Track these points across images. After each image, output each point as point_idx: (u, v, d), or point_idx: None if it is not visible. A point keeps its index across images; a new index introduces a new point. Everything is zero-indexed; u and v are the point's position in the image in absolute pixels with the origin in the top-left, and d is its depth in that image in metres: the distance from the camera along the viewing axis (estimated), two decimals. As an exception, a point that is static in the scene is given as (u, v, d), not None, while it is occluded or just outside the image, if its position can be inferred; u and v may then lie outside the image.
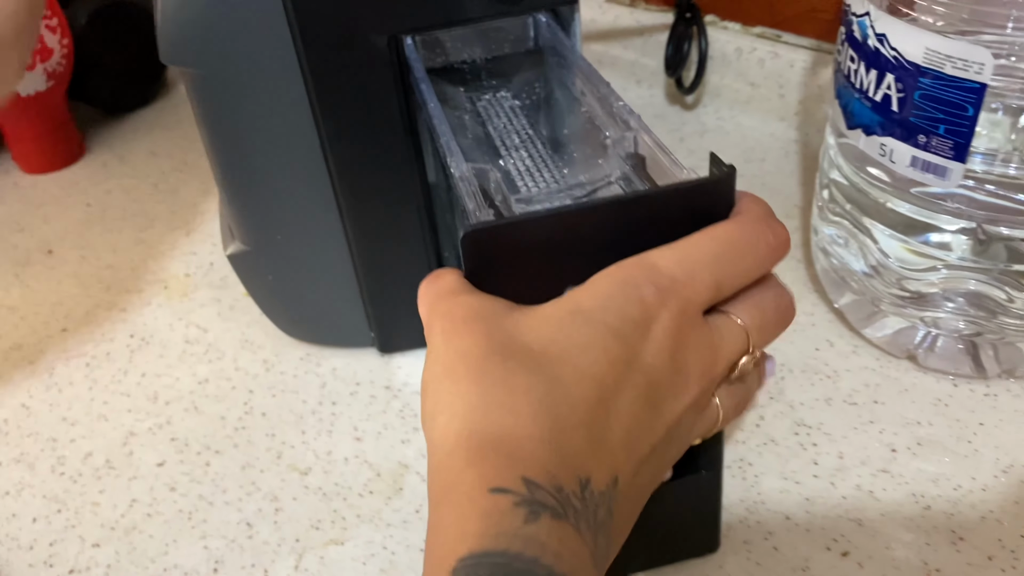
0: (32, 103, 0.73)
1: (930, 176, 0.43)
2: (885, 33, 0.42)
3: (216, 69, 0.44)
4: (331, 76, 0.44)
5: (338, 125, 0.45)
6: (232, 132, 0.46)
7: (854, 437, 0.48)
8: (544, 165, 0.43)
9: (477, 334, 0.29)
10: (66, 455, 0.51)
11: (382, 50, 0.43)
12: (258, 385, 0.55)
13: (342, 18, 0.42)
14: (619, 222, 0.31)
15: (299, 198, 0.48)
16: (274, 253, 0.51)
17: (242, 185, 0.48)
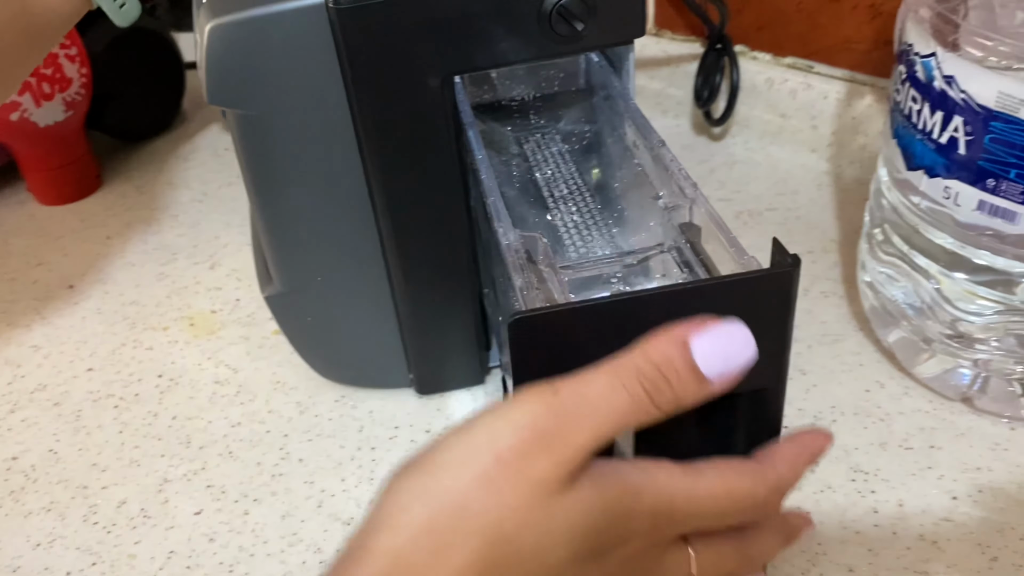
0: (50, 134, 0.72)
1: (998, 220, 0.42)
2: (954, 75, 0.41)
3: (263, 110, 0.42)
4: (381, 117, 0.42)
5: (387, 166, 0.44)
6: (277, 173, 0.45)
7: (913, 484, 0.47)
8: (593, 221, 0.42)
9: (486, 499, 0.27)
10: (99, 503, 0.50)
11: (435, 90, 0.42)
12: (293, 429, 0.53)
13: (396, 60, 0.41)
14: (671, 310, 0.30)
15: (342, 240, 0.47)
16: (314, 295, 0.49)
17: (284, 227, 0.47)
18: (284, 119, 0.43)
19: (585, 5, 0.41)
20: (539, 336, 0.29)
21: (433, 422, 0.53)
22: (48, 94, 0.70)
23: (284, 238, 0.47)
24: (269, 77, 0.41)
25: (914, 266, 0.48)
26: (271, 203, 0.46)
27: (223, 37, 0.40)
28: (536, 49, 0.42)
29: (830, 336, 0.56)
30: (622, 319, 0.30)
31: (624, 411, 0.28)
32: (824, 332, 0.56)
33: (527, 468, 0.27)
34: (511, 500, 0.27)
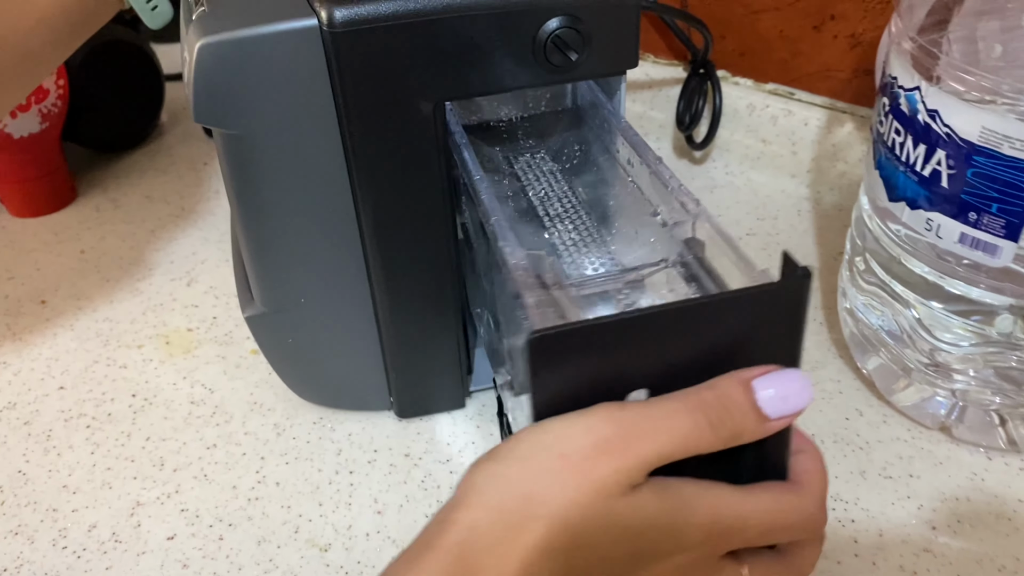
0: (25, 145, 0.70)
1: (979, 253, 0.42)
2: (937, 109, 0.41)
3: (251, 131, 0.42)
4: (372, 141, 0.42)
5: (375, 190, 0.44)
6: (263, 194, 0.44)
7: (892, 513, 0.47)
8: (592, 239, 0.42)
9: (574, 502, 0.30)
10: (68, 527, 0.49)
11: (426, 116, 0.42)
12: (270, 451, 0.52)
13: (389, 84, 0.40)
14: (686, 325, 0.30)
15: (327, 261, 0.46)
16: (296, 316, 0.49)
17: (269, 247, 0.46)
18: (272, 140, 0.42)
19: (580, 35, 0.41)
20: (557, 353, 0.30)
21: (412, 446, 0.52)
22: (24, 105, 0.69)
23: (268, 259, 0.47)
24: (258, 97, 0.41)
25: (894, 295, 0.49)
26: (256, 223, 0.45)
27: (213, 55, 0.39)
28: (530, 77, 0.42)
29: (809, 363, 0.56)
30: (639, 334, 0.30)
31: (685, 434, 0.30)
32: (804, 359, 0.56)
33: (590, 469, 0.29)
34: (574, 495, 0.29)
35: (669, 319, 0.30)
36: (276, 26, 0.39)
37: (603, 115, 0.45)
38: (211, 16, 0.40)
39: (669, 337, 0.30)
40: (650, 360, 0.31)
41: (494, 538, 0.29)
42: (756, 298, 0.31)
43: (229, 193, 0.45)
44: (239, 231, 0.46)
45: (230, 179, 0.44)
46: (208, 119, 0.41)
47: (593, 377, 0.30)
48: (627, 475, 0.29)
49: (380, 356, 0.50)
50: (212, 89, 0.40)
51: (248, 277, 0.49)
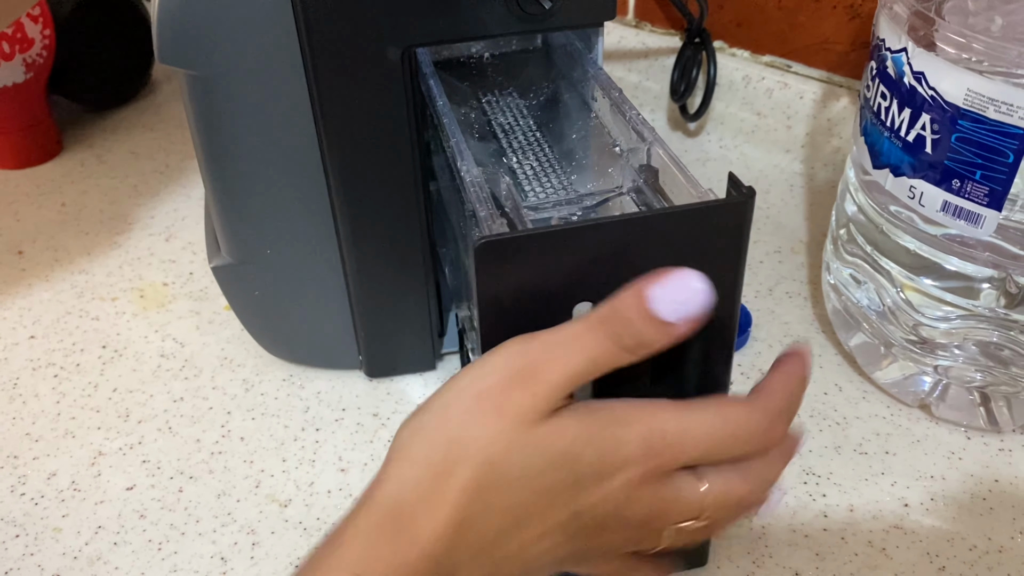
0: (8, 95, 0.70)
1: (961, 223, 0.41)
2: (924, 71, 0.40)
3: (216, 72, 0.41)
4: (338, 86, 0.41)
5: (342, 137, 0.42)
6: (227, 139, 0.43)
7: (865, 489, 0.46)
8: (552, 170, 0.41)
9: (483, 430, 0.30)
10: (28, 474, 0.48)
11: (395, 63, 0.40)
12: (237, 407, 0.52)
13: (356, 29, 0.39)
14: (633, 239, 0.31)
15: (293, 211, 0.46)
16: (262, 268, 0.48)
17: (234, 195, 0.45)
18: (236, 82, 0.41)
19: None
20: (503, 259, 0.30)
21: (381, 406, 0.51)
22: (7, 54, 0.68)
23: (233, 207, 0.46)
24: (222, 37, 0.40)
25: (878, 268, 0.47)
26: (221, 169, 0.45)
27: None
28: (501, 26, 0.41)
29: (791, 337, 0.55)
30: (584, 245, 0.30)
31: (591, 352, 0.30)
32: (786, 333, 0.55)
33: (506, 402, 0.30)
34: (494, 430, 0.29)
35: (614, 231, 0.30)
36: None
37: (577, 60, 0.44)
38: None
39: (614, 250, 0.31)
40: (595, 273, 0.31)
41: (424, 488, 0.29)
42: (700, 213, 0.31)
43: (193, 137, 0.44)
44: (205, 176, 0.45)
45: (195, 123, 0.43)
46: (172, 59, 0.40)
47: (539, 287, 0.31)
48: (543, 401, 0.30)
49: (349, 313, 0.49)
50: (176, 28, 0.39)
51: (215, 226, 0.48)
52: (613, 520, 0.32)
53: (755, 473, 0.33)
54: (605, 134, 0.41)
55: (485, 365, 0.31)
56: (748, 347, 0.54)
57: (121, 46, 0.79)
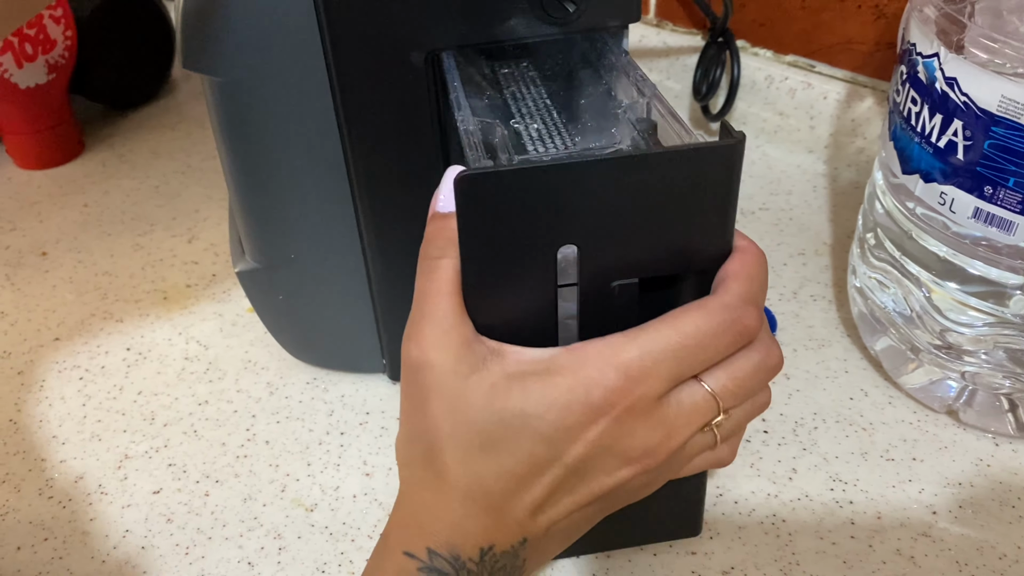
0: (31, 96, 0.70)
1: (993, 230, 0.41)
2: (956, 77, 0.39)
3: (240, 78, 0.41)
4: (363, 91, 0.41)
5: (366, 141, 0.42)
6: (252, 144, 0.43)
7: (892, 496, 0.45)
8: (557, 133, 0.41)
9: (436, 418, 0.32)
10: (55, 477, 0.48)
11: (419, 67, 0.40)
12: (261, 410, 0.52)
13: (380, 33, 0.39)
14: (620, 181, 0.30)
15: (318, 216, 0.45)
16: (287, 272, 0.48)
17: (259, 199, 0.45)
18: (261, 88, 0.41)
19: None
20: (486, 195, 0.29)
21: (405, 410, 0.51)
22: (31, 55, 0.68)
23: (258, 212, 0.46)
24: (247, 43, 0.40)
25: (905, 273, 0.47)
26: (246, 174, 0.45)
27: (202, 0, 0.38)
28: (525, 28, 0.41)
29: (816, 341, 0.55)
30: (569, 183, 0.30)
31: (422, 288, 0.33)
32: (810, 337, 0.55)
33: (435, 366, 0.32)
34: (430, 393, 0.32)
35: (600, 170, 0.29)
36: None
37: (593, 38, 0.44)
38: None
39: (599, 190, 0.30)
40: (580, 214, 0.30)
41: None
42: (690, 154, 0.30)
43: (218, 143, 0.44)
44: (229, 181, 0.45)
45: (219, 128, 0.43)
46: (197, 65, 0.40)
47: (522, 227, 0.30)
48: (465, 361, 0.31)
49: (372, 316, 0.49)
50: (200, 34, 0.39)
51: (239, 231, 0.48)
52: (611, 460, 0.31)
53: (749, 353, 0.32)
54: (612, 99, 0.42)
55: None
56: (773, 351, 0.54)
57: (142, 46, 0.79)
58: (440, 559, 0.31)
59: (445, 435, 0.32)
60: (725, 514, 0.45)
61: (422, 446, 0.33)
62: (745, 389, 0.32)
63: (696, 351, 0.31)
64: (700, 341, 0.31)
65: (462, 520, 0.32)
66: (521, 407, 0.30)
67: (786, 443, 0.48)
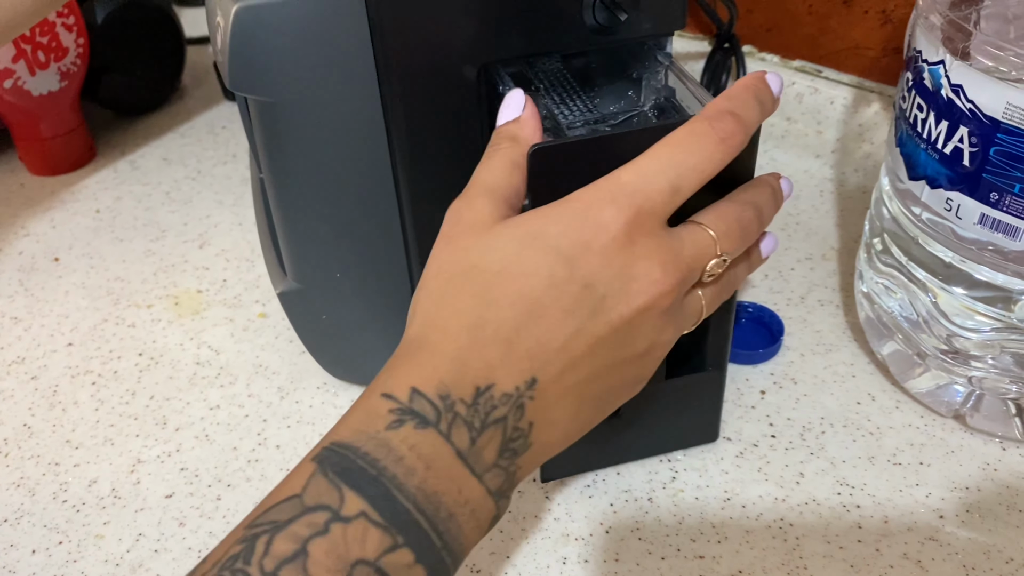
0: (44, 103, 0.71)
1: (999, 236, 0.41)
2: (962, 84, 0.40)
3: (288, 98, 0.40)
4: (414, 107, 0.41)
5: (416, 157, 0.42)
6: (298, 164, 0.43)
7: (899, 500, 0.46)
8: (576, 95, 0.44)
9: (453, 251, 0.33)
10: (69, 481, 0.49)
11: (470, 81, 0.40)
12: (272, 414, 0.52)
13: (433, 50, 0.39)
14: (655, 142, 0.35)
15: (364, 234, 0.45)
16: (331, 292, 0.47)
17: (304, 220, 0.45)
18: (309, 107, 0.41)
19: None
20: (554, 167, 0.35)
21: (415, 414, 0.52)
22: (43, 63, 0.69)
23: (302, 232, 0.45)
24: (296, 63, 0.39)
25: (912, 278, 0.47)
26: (290, 194, 0.44)
27: (251, 20, 0.37)
28: (576, 38, 0.41)
29: (824, 345, 0.55)
30: (624, 150, 0.34)
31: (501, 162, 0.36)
32: (818, 341, 0.55)
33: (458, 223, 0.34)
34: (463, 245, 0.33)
35: (652, 135, 0.34)
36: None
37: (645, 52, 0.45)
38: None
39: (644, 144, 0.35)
40: None
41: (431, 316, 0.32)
42: None
43: (263, 163, 0.43)
44: (273, 202, 0.45)
45: (264, 149, 0.43)
46: (245, 87, 0.40)
47: None
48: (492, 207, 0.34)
49: None
50: (249, 56, 0.39)
51: (280, 251, 0.48)
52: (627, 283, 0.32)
53: (740, 196, 0.36)
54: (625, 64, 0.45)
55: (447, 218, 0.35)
56: (780, 355, 0.54)
57: (153, 52, 0.80)
58: (422, 400, 0.29)
59: (465, 269, 0.32)
60: (733, 518, 0.45)
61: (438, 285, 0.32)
62: (734, 233, 0.35)
63: (685, 159, 0.33)
64: (685, 148, 0.33)
65: (463, 351, 0.30)
66: (540, 226, 0.32)
67: (794, 447, 0.49)
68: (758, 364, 0.54)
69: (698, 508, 0.46)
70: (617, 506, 0.46)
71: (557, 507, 0.46)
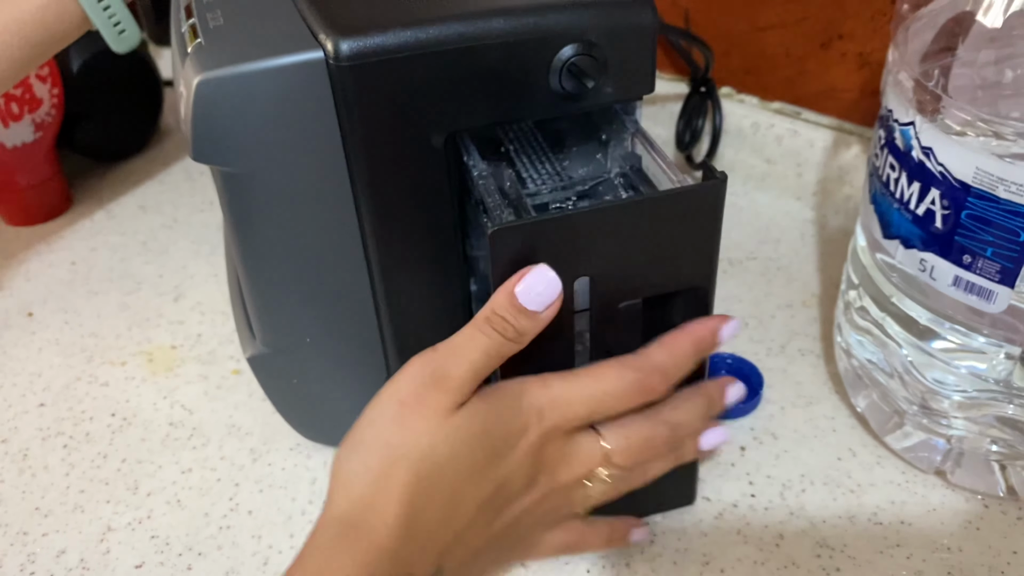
0: (18, 155, 0.70)
1: (973, 298, 0.40)
2: (932, 147, 0.39)
3: (254, 168, 0.40)
4: (380, 176, 0.40)
5: (385, 224, 0.42)
6: (266, 232, 0.42)
7: (880, 562, 0.45)
8: (545, 159, 0.45)
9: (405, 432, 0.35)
10: (37, 552, 0.48)
11: (438, 150, 0.40)
12: (244, 478, 0.51)
13: (398, 117, 0.39)
14: (626, 219, 0.36)
15: (334, 300, 0.45)
16: (301, 356, 0.47)
17: (272, 287, 0.44)
18: (275, 178, 0.40)
19: (596, 62, 0.39)
20: (514, 244, 0.35)
21: (389, 476, 0.51)
22: (16, 115, 0.68)
23: (271, 298, 0.45)
24: (260, 135, 0.39)
25: (887, 334, 0.47)
26: (258, 262, 0.43)
27: (213, 91, 0.37)
28: (544, 107, 0.40)
29: (804, 398, 0.54)
30: (584, 228, 0.36)
31: (484, 346, 0.35)
32: (799, 394, 0.55)
33: (424, 403, 0.35)
34: (420, 428, 0.34)
35: (611, 215, 0.36)
36: (279, 60, 0.37)
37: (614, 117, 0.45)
38: (209, 49, 0.38)
39: (610, 230, 0.36)
40: (594, 250, 0.37)
41: (370, 494, 0.34)
42: (683, 195, 0.37)
43: (229, 231, 0.43)
44: (240, 270, 0.44)
45: (230, 217, 0.42)
46: (208, 158, 0.39)
47: None
48: (455, 394, 0.35)
49: None
50: (212, 127, 0.38)
51: (249, 316, 0.47)
52: (530, 485, 0.37)
53: (657, 416, 0.38)
54: (598, 131, 0.45)
55: (399, 379, 0.36)
56: (761, 408, 0.54)
57: (130, 99, 0.80)
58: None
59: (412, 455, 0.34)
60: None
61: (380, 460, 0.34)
62: (634, 450, 0.38)
63: (606, 400, 0.37)
64: (608, 392, 0.37)
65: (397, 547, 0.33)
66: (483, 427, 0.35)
67: (773, 507, 0.48)
68: (738, 418, 0.53)
69: (676, 573, 0.45)
70: (594, 572, 0.45)
71: (533, 575, 0.45)
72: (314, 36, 0.38)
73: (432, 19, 0.38)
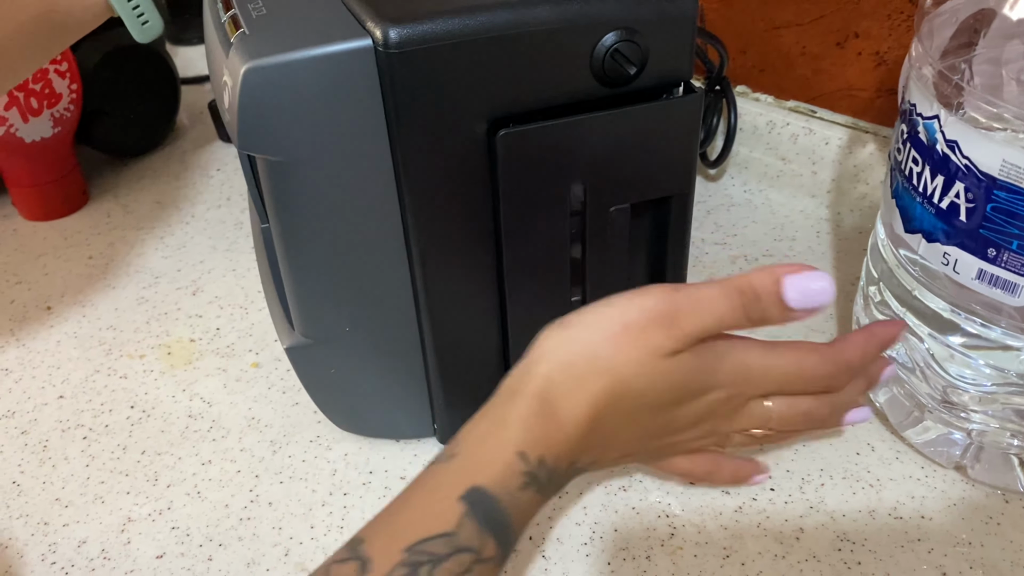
0: (36, 149, 0.70)
1: (998, 291, 0.40)
2: (957, 140, 0.39)
3: (298, 157, 0.40)
4: (425, 164, 0.40)
5: (427, 214, 0.42)
6: (309, 221, 0.42)
7: (901, 557, 0.45)
8: None
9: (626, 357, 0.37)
10: (58, 542, 0.48)
11: (480, 137, 0.40)
12: (264, 469, 0.52)
13: (444, 105, 0.39)
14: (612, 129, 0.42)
15: (374, 291, 0.45)
16: (340, 346, 0.47)
17: (312, 276, 0.44)
18: (320, 166, 0.40)
19: (639, 49, 0.40)
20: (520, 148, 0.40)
21: (409, 469, 0.51)
22: (36, 109, 0.69)
23: (311, 288, 0.45)
24: (307, 123, 0.39)
25: (908, 329, 0.47)
26: (300, 251, 0.44)
27: (260, 80, 0.37)
28: (585, 93, 0.41)
29: (822, 394, 0.54)
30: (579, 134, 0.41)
31: (722, 315, 0.36)
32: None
33: (645, 337, 0.36)
34: (631, 356, 0.36)
35: (599, 122, 0.41)
36: (328, 48, 0.37)
37: None
38: (255, 38, 0.38)
39: (599, 136, 0.41)
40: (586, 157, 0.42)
41: (567, 387, 0.36)
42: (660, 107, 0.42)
43: (272, 220, 0.43)
44: (281, 259, 0.44)
45: (273, 206, 0.42)
46: (254, 147, 0.39)
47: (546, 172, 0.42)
48: (676, 343, 0.36)
49: (425, 383, 0.49)
50: (259, 116, 0.38)
51: (288, 306, 0.47)
52: (694, 425, 0.40)
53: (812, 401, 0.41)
54: None
55: (633, 302, 0.37)
56: (778, 404, 0.54)
57: (147, 95, 0.80)
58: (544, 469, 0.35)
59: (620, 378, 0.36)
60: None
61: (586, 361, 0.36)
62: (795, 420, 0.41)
63: (796, 383, 0.40)
64: (802, 378, 0.40)
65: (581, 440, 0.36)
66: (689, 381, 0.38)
67: (793, 501, 0.48)
68: (756, 413, 0.53)
69: (697, 567, 0.45)
70: (615, 565, 0.45)
71: (554, 567, 0.45)
72: (360, 24, 0.38)
73: (479, 7, 0.38)
